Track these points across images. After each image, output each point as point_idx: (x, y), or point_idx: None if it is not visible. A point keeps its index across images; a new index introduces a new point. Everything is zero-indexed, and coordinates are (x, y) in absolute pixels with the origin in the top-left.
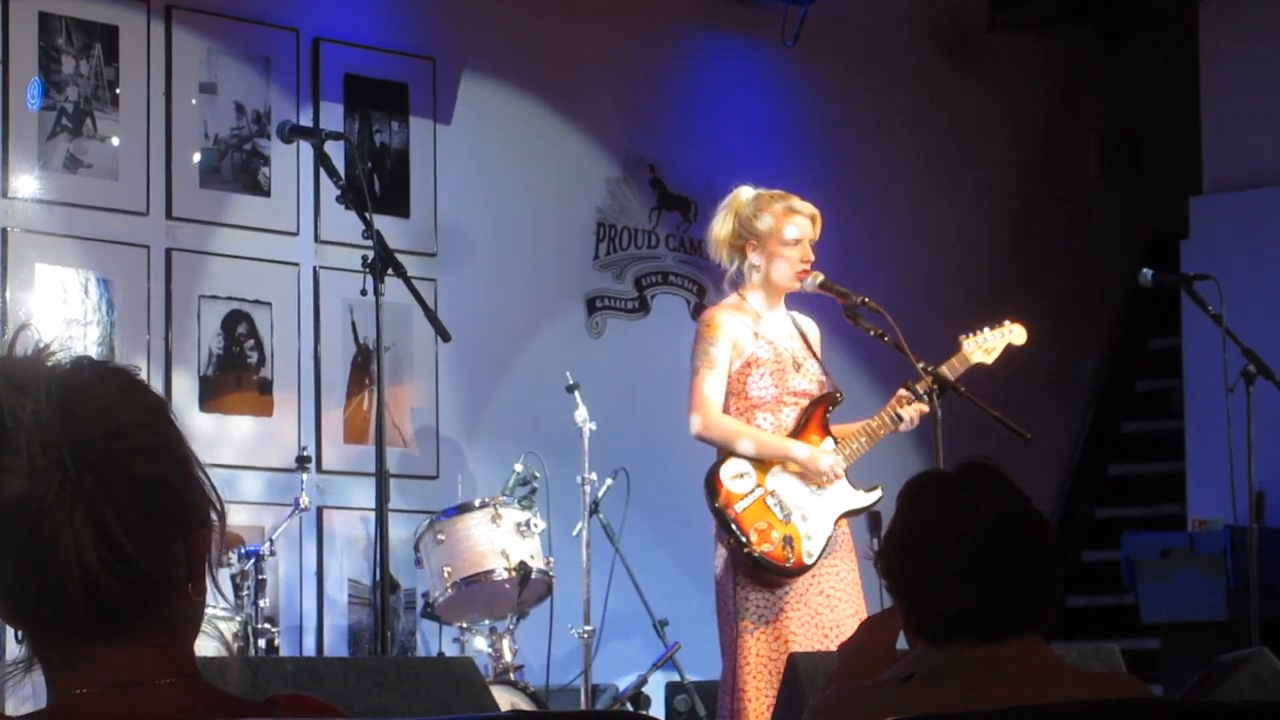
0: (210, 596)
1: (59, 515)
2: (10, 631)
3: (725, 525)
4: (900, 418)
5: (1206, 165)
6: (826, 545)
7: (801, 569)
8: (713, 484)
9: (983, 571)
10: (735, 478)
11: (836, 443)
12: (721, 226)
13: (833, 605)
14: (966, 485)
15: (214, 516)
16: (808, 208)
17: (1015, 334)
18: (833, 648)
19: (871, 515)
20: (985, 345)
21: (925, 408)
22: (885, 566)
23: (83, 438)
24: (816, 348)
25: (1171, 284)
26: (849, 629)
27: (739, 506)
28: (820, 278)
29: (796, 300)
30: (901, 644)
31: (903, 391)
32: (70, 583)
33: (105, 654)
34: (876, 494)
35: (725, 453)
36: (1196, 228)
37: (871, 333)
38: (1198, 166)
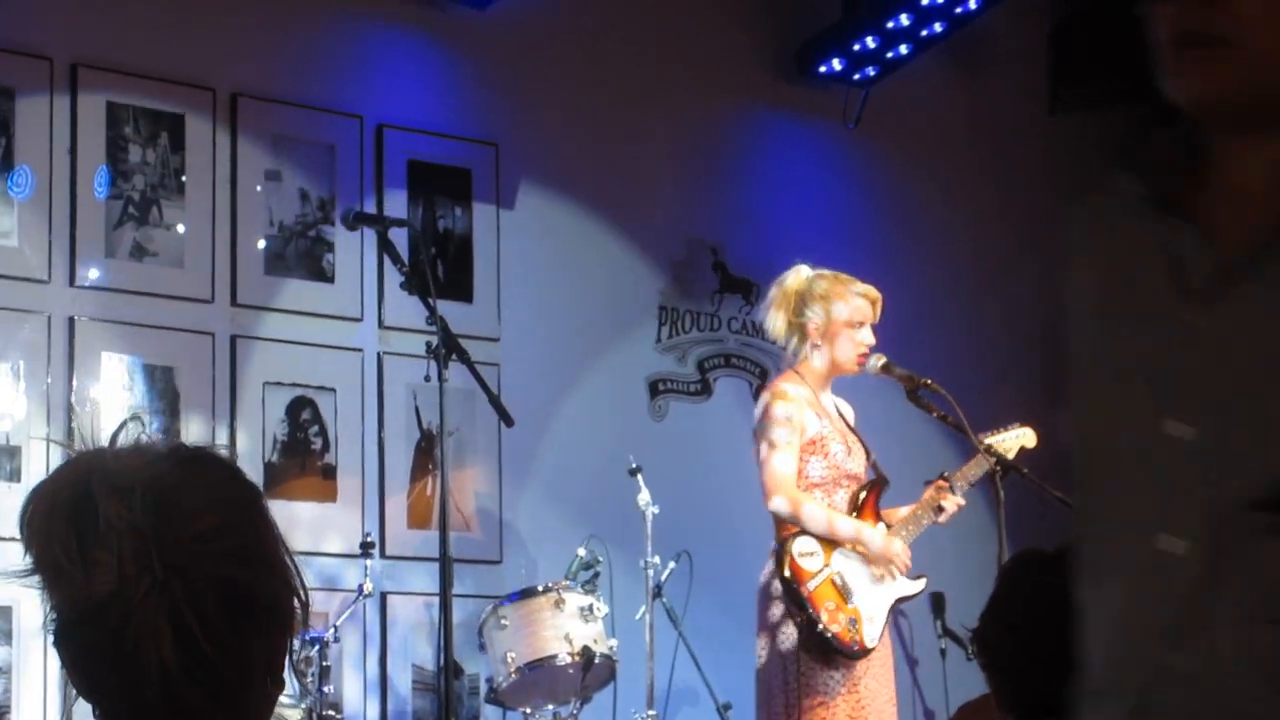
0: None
1: (144, 618)
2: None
3: (798, 602)
4: (942, 509)
5: None
6: (882, 630)
7: (864, 652)
8: (783, 559)
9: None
10: (805, 555)
11: (889, 528)
12: (781, 306)
13: (876, 692)
14: (1067, 565)
15: (297, 606)
16: (871, 291)
17: (1026, 436)
18: None
19: (934, 597)
20: (1004, 445)
21: (962, 501)
22: (982, 644)
23: (174, 541)
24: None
25: None
26: (887, 715)
27: (811, 585)
28: (883, 360)
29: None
30: None
31: (941, 482)
32: (148, 684)
33: None
34: (922, 583)
35: (790, 529)
36: None
37: (934, 414)
38: None
